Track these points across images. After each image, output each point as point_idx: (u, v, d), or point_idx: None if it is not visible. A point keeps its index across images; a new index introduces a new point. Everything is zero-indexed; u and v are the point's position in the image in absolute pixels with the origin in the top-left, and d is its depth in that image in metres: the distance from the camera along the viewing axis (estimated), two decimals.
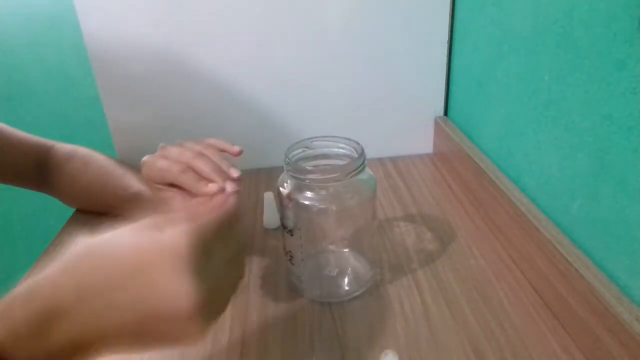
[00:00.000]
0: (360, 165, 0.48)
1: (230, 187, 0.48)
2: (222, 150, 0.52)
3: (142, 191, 0.60)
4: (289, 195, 0.49)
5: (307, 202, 0.48)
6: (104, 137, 0.81)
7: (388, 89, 0.79)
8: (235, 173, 0.49)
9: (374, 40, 0.76)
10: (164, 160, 0.50)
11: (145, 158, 0.53)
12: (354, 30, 0.75)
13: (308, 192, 0.49)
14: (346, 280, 0.56)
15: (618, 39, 0.40)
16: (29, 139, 0.67)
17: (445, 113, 0.83)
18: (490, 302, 0.51)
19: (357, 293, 0.53)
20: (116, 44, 0.72)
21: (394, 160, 0.84)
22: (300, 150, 0.51)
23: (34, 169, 0.66)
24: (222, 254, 0.35)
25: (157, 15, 0.71)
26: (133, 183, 0.61)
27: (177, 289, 0.30)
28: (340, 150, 0.52)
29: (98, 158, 0.66)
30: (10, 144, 0.64)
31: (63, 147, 0.68)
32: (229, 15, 0.72)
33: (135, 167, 0.69)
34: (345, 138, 0.51)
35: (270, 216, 0.66)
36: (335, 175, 0.47)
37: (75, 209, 0.72)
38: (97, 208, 0.69)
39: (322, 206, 0.49)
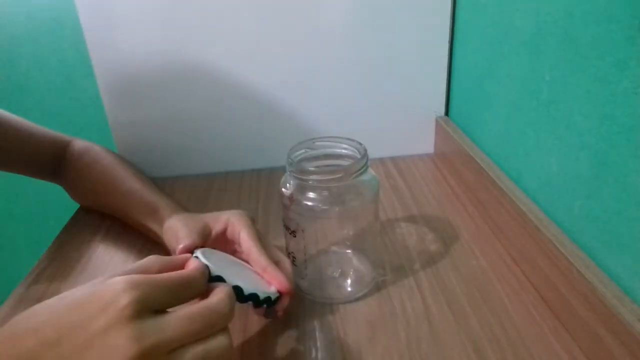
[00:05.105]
0: (363, 166, 0.48)
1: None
2: (276, 286, 0.46)
3: (141, 195, 0.60)
4: (291, 196, 0.49)
5: (309, 203, 0.48)
6: (105, 137, 0.81)
7: (389, 88, 0.79)
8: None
9: (375, 41, 0.76)
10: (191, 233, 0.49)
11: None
12: (355, 31, 0.75)
13: (310, 193, 0.49)
14: (349, 281, 0.56)
15: (619, 38, 0.40)
16: (48, 133, 0.68)
17: (446, 113, 0.83)
18: (492, 302, 0.51)
19: (360, 294, 0.53)
20: (117, 44, 0.72)
21: (394, 160, 0.84)
22: (303, 150, 0.51)
23: (51, 162, 0.67)
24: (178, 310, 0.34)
25: (158, 15, 0.71)
26: (134, 186, 0.62)
27: (114, 343, 0.30)
28: (343, 150, 0.51)
29: (107, 157, 0.67)
30: (28, 137, 0.65)
31: (80, 143, 0.69)
32: (230, 14, 0.72)
33: (138, 166, 0.69)
34: (348, 138, 0.51)
35: None
36: (338, 176, 0.47)
37: (75, 209, 0.72)
38: (100, 207, 0.69)
39: (325, 207, 0.49)
